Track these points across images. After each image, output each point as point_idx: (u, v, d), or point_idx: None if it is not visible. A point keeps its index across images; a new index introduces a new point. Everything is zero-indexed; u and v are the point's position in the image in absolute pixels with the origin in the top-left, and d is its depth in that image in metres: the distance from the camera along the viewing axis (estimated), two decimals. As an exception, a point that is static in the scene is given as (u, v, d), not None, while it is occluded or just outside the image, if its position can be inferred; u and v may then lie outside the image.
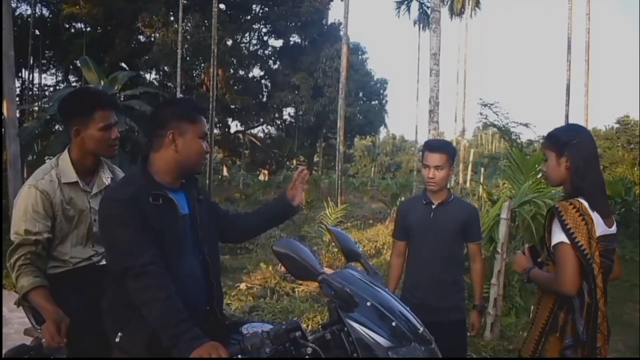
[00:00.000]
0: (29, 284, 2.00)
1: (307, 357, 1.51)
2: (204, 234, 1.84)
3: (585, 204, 1.97)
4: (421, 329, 1.59)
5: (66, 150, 2.21)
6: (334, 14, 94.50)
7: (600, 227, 1.97)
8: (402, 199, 15.30)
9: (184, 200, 1.83)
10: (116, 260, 1.64)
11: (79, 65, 19.58)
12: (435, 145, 2.80)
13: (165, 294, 1.53)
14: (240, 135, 34.50)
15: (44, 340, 1.94)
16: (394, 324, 1.54)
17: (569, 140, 2.05)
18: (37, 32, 25.28)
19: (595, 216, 1.96)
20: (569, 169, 2.03)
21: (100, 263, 2.21)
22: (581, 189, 2.01)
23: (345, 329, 1.53)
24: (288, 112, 33.52)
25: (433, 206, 2.74)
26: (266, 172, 37.63)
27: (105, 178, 2.27)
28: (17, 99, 15.35)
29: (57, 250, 2.15)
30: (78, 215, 2.17)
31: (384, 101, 37.50)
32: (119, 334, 1.67)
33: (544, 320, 2.08)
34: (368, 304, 1.56)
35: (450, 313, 2.72)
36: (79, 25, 26.42)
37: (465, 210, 2.80)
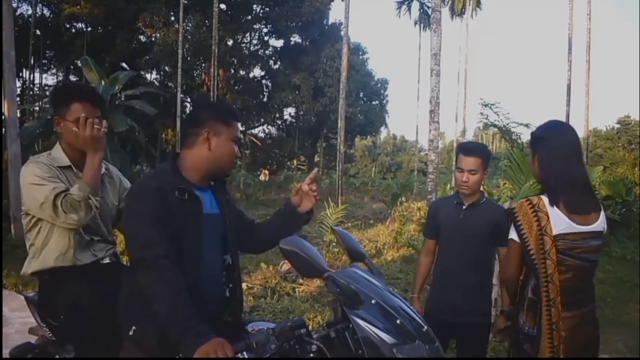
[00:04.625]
0: (77, 186, 2.03)
1: (311, 354, 1.52)
2: (232, 235, 1.87)
3: (545, 200, 1.96)
4: (425, 327, 1.60)
5: (57, 142, 2.25)
6: (335, 14, 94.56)
7: (561, 225, 1.94)
8: (403, 199, 15.36)
9: (213, 200, 1.85)
10: (133, 251, 1.66)
11: (79, 65, 19.61)
12: (470, 148, 2.74)
13: (176, 288, 1.54)
14: (241, 135, 34.51)
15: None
16: (398, 321, 1.55)
17: (539, 137, 2.07)
18: (38, 32, 25.31)
19: (555, 213, 1.93)
20: (539, 166, 2.04)
21: (104, 261, 2.23)
22: (547, 184, 2.01)
23: (350, 325, 1.54)
24: (289, 112, 33.60)
25: (464, 207, 2.70)
26: (267, 172, 37.67)
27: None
28: (18, 98, 15.35)
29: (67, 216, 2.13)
30: None
31: (384, 101, 37.59)
32: (133, 327, 1.68)
33: (513, 316, 2.15)
34: (373, 301, 1.57)
35: (473, 316, 2.66)
36: (79, 25, 26.47)
37: (497, 213, 2.70)
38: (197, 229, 1.72)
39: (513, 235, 2.02)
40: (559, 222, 1.94)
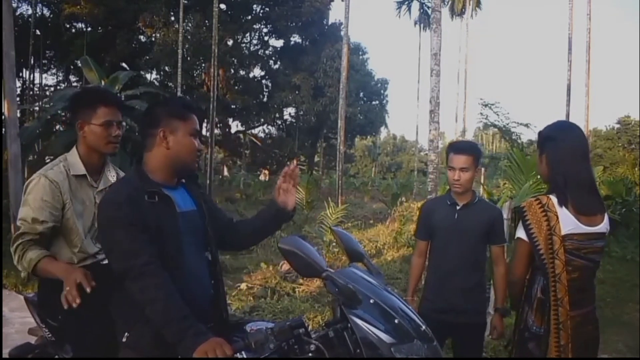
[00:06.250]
0: (36, 256, 2.01)
1: (310, 354, 1.52)
2: (210, 231, 1.86)
3: (554, 200, 1.97)
4: (423, 326, 1.60)
5: (74, 147, 2.25)
6: (335, 14, 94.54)
7: (569, 225, 1.95)
8: (403, 199, 15.37)
9: (187, 197, 1.84)
10: (115, 262, 1.64)
11: (79, 65, 19.57)
12: (461, 146, 2.77)
13: (166, 292, 1.54)
14: (241, 135, 34.50)
15: (65, 298, 1.75)
16: (396, 321, 1.55)
17: (548, 136, 2.07)
18: (38, 32, 25.27)
19: (564, 213, 1.94)
20: (548, 165, 2.05)
21: (104, 262, 2.22)
22: (555, 184, 2.01)
23: (349, 325, 1.54)
24: (289, 112, 33.59)
25: (458, 207, 2.71)
26: (267, 172, 37.66)
27: (111, 176, 2.31)
28: (18, 98, 15.34)
29: (68, 240, 2.16)
30: (83, 209, 2.20)
31: (384, 101, 37.54)
32: (126, 334, 1.68)
33: (517, 315, 2.15)
34: (371, 301, 1.58)
35: (470, 315, 2.69)
36: (79, 25, 26.46)
37: (490, 212, 2.74)
38: (173, 229, 1.71)
39: (521, 234, 2.01)
40: (568, 222, 1.95)
